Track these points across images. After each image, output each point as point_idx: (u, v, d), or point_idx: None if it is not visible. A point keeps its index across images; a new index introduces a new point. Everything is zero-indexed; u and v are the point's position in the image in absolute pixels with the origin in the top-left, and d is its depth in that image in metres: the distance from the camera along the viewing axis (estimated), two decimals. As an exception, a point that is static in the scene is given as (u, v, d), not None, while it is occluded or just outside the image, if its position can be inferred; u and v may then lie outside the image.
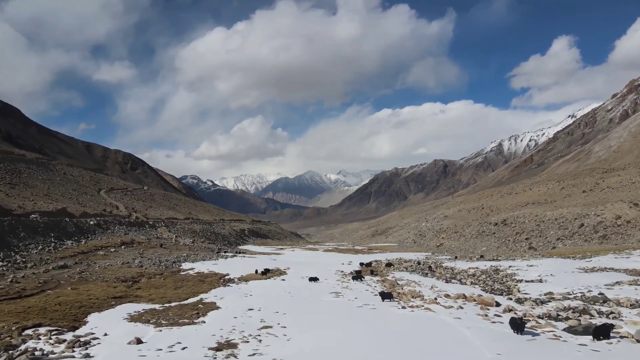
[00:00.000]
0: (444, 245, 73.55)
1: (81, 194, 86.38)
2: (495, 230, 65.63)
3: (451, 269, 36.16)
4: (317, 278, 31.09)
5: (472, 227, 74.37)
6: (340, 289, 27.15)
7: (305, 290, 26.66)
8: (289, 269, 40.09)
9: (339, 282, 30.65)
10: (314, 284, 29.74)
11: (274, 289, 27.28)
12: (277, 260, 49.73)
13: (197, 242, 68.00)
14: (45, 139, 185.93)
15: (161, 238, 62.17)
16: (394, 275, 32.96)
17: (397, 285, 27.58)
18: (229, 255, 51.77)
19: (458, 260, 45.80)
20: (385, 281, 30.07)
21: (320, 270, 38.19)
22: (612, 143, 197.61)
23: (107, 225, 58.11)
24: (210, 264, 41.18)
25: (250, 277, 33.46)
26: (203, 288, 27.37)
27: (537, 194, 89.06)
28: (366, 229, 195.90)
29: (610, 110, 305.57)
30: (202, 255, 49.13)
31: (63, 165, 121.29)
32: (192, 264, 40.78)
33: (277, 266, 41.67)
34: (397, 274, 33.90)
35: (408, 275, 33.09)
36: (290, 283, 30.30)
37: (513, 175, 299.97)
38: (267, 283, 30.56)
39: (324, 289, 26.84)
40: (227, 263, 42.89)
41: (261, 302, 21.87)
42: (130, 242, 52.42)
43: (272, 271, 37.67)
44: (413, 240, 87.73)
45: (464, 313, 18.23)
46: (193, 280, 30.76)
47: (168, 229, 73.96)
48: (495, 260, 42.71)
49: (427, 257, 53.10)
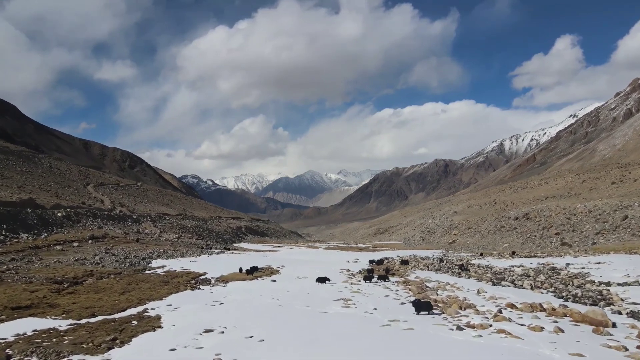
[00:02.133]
0: (457, 242, 65.47)
1: (63, 187, 78.53)
2: (517, 225, 57.64)
3: (488, 267, 28.12)
4: (327, 279, 23.17)
5: (488, 222, 66.32)
6: (349, 293, 19.18)
7: (300, 296, 18.69)
8: (282, 267, 32.07)
9: (346, 284, 22.67)
10: (318, 286, 21.77)
11: (258, 294, 19.30)
12: (271, 258, 41.74)
13: (184, 237, 60.03)
14: (42, 136, 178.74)
15: (142, 233, 54.22)
16: (417, 276, 24.91)
17: (428, 290, 19.57)
18: (215, 252, 43.80)
19: (486, 257, 37.77)
20: (408, 283, 22.05)
21: (321, 270, 30.20)
22: (617, 141, 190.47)
23: (79, 217, 50.12)
24: (187, 261, 33.20)
25: (232, 277, 25.46)
26: (160, 293, 19.38)
27: (554, 187, 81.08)
28: (367, 228, 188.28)
29: (614, 108, 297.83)
30: (184, 251, 41.16)
31: (51, 159, 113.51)
32: (165, 261, 32.80)
33: (269, 264, 33.66)
34: (421, 274, 25.86)
35: (435, 275, 25.06)
36: (281, 285, 22.31)
37: (515, 175, 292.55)
38: (252, 285, 22.56)
39: (327, 294, 18.87)
40: (210, 260, 34.89)
41: (232, 316, 13.89)
42: (101, 236, 44.45)
43: (262, 270, 29.67)
44: (421, 238, 79.61)
45: (576, 342, 10.23)
46: (154, 282, 22.77)
47: (154, 223, 65.99)
48: (532, 257, 34.67)
49: (444, 255, 45.07)
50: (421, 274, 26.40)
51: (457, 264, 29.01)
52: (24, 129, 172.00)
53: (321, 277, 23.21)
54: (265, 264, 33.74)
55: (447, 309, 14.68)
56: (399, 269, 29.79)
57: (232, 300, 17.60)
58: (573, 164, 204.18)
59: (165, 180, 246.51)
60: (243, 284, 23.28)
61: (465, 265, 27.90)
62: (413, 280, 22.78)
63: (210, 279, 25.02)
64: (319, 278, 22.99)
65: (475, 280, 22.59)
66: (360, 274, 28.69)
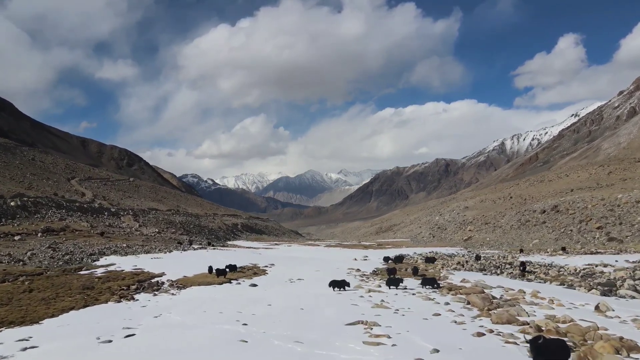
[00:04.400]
0: (474, 238, 57.40)
1: (41, 179, 70.69)
2: (545, 219, 49.62)
3: (554, 267, 20.01)
4: (347, 283, 15.40)
5: (509, 216, 58.25)
6: (370, 309, 11.21)
7: (287, 315, 10.66)
8: (271, 266, 24.01)
9: (362, 291, 14.67)
10: (319, 295, 13.71)
11: (217, 310, 11.26)
12: (262, 255, 33.70)
13: (167, 232, 52.06)
14: (39, 133, 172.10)
15: (115, 226, 46.14)
16: (464, 279, 16.79)
17: (502, 303, 11.44)
18: (194, 248, 35.72)
19: (529, 254, 29.64)
20: (458, 290, 13.94)
21: (324, 270, 22.19)
22: (622, 140, 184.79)
23: (38, 208, 42.09)
24: (149, 258, 25.14)
25: (195, 280, 17.38)
26: (53, 308, 11.40)
27: (576, 180, 73.06)
28: (369, 227, 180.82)
29: (617, 107, 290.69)
30: (155, 246, 33.16)
31: (36, 152, 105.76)
32: (120, 257, 24.77)
33: (256, 262, 25.60)
34: (463, 276, 17.77)
35: (488, 278, 17.04)
36: (262, 294, 14.28)
37: (518, 174, 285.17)
38: (217, 293, 14.53)
39: (334, 312, 10.88)
40: (180, 257, 26.84)
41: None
42: (60, 228, 36.46)
43: (242, 270, 21.63)
44: (431, 235, 71.50)
45: None
46: (68, 288, 14.75)
47: (135, 217, 58.00)
48: (592, 253, 26.59)
49: (471, 252, 37.02)
50: (463, 275, 18.31)
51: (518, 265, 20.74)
52: (20, 126, 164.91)
53: (338, 280, 15.17)
54: (250, 262, 25.71)
55: (592, 353, 6.59)
56: (427, 269, 21.71)
57: (162, 324, 9.56)
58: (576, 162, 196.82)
59: (164, 179, 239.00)
60: (206, 290, 15.24)
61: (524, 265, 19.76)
62: (465, 287, 14.66)
63: (162, 283, 17.01)
64: (335, 282, 14.94)
65: (561, 285, 14.50)
66: (376, 275, 20.65)
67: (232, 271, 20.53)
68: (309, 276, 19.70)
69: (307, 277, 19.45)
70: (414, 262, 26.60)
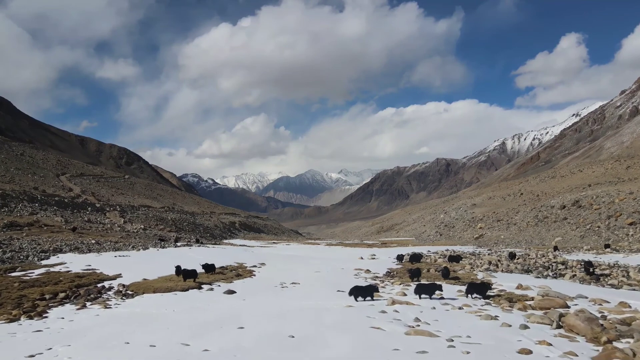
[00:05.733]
0: (486, 236, 52.70)
1: (25, 174, 66.11)
2: (566, 215, 44.99)
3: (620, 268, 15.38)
4: (375, 288, 11.14)
5: (523, 213, 53.60)
6: (404, 337, 6.65)
7: (266, 350, 5.92)
8: (261, 266, 19.40)
9: (382, 302, 9.90)
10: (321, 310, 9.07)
11: (142, 345, 6.55)
12: (255, 253, 29.05)
13: (154, 229, 47.46)
14: (37, 131, 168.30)
15: (95, 222, 41.46)
16: (521, 284, 12.08)
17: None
18: (177, 245, 31.04)
19: (566, 253, 25.01)
20: (519, 302, 9.25)
21: (325, 270, 17.59)
22: (625, 139, 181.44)
23: (7, 201, 37.40)
24: (111, 256, 20.51)
25: (152, 286, 12.70)
26: None
27: (592, 175, 68.45)
28: (370, 226, 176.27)
29: (620, 106, 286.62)
30: (132, 243, 28.54)
31: (26, 147, 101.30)
32: (77, 256, 20.18)
33: (243, 261, 20.95)
34: (521, 281, 13.05)
35: (555, 285, 12.26)
36: (237, 308, 9.62)
37: (519, 173, 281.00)
38: (172, 306, 9.88)
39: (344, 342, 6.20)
40: (152, 255, 22.21)
41: None
42: (27, 223, 31.88)
43: (224, 271, 17.00)
44: (438, 233, 66.78)
45: None
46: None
47: (123, 214, 53.39)
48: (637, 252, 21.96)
49: (491, 250, 32.36)
50: (510, 279, 13.66)
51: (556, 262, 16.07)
52: (18, 124, 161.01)
53: (361, 286, 10.62)
54: (237, 260, 21.08)
55: None
56: (454, 271, 17.07)
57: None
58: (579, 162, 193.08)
59: (163, 178, 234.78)
60: (159, 301, 10.61)
61: (587, 267, 15.07)
62: (530, 296, 9.98)
63: (110, 288, 12.40)
64: (359, 289, 10.52)
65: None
66: (391, 277, 16.01)
67: (209, 272, 15.92)
68: (307, 279, 15.13)
69: (304, 280, 14.87)
70: (433, 262, 21.98)
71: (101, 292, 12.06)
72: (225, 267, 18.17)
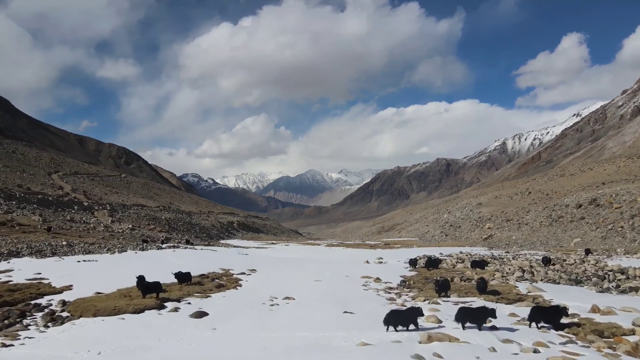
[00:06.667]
0: (495, 236, 49.54)
1: (13, 172, 63.08)
2: (584, 215, 41.79)
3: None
4: (419, 311, 7.85)
5: (535, 212, 50.41)
6: None
7: None
8: (251, 272, 16.22)
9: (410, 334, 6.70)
10: (331, 352, 5.94)
11: None
12: (249, 256, 25.88)
13: (144, 229, 44.26)
14: (36, 131, 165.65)
15: (77, 221, 38.22)
16: (596, 306, 8.89)
17: None
18: (161, 247, 27.80)
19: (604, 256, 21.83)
20: (626, 342, 6.07)
21: (326, 278, 14.39)
22: (627, 139, 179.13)
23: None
24: (75, 260, 17.33)
25: (98, 306, 9.49)
26: None
27: (603, 173, 65.27)
28: (371, 226, 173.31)
29: (621, 106, 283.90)
30: (111, 244, 25.33)
31: (19, 145, 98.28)
32: (34, 260, 17.05)
33: (230, 267, 17.75)
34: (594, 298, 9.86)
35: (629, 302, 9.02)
36: (200, 344, 6.39)
37: (520, 173, 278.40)
38: (108, 341, 6.66)
39: None
40: (124, 260, 19.01)
41: None
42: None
43: (202, 281, 13.79)
44: (443, 233, 63.56)
45: None
46: None
47: (112, 213, 50.25)
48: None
49: (508, 253, 29.18)
50: (566, 295, 10.47)
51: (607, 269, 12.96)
52: (17, 123, 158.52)
53: (399, 311, 7.74)
54: (224, 266, 17.88)
55: None
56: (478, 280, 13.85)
57: None
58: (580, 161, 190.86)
59: (163, 177, 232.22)
60: (97, 329, 7.44)
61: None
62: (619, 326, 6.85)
63: (46, 307, 9.26)
64: (396, 315, 7.92)
65: None
66: (408, 288, 12.82)
67: (184, 283, 12.75)
68: (305, 291, 12.00)
69: (300, 293, 11.74)
70: (451, 268, 18.79)
71: (25, 314, 8.89)
72: (206, 275, 14.98)
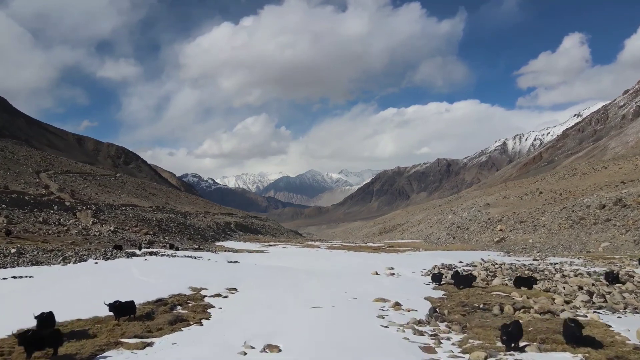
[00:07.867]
0: (508, 239, 45.50)
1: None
2: (609, 216, 37.83)
3: None
4: None
5: (551, 213, 46.42)
6: None
7: None
8: (229, 294, 12.14)
9: None
10: None
11: None
12: (238, 264, 21.85)
13: (127, 232, 40.28)
14: (34, 130, 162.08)
15: (48, 223, 34.20)
16: None
17: None
18: (138, 254, 23.74)
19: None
20: None
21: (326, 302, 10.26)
22: (630, 139, 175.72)
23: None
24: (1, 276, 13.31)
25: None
26: None
27: (620, 172, 61.19)
28: (371, 227, 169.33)
29: (623, 106, 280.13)
30: (73, 252, 21.31)
31: (9, 143, 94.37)
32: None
33: (204, 285, 13.68)
34: None
35: None
36: None
37: (521, 173, 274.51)
38: None
39: None
40: (73, 274, 14.95)
41: None
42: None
43: (156, 310, 9.76)
44: (450, 235, 59.48)
45: None
46: None
47: (96, 214, 46.22)
48: None
49: (537, 259, 25.13)
50: None
51: None
52: (15, 122, 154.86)
53: None
54: (197, 284, 13.82)
55: None
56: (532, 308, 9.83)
57: None
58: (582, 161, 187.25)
59: (162, 177, 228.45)
60: None
61: None
62: None
63: None
64: None
65: None
66: (443, 321, 8.83)
67: (123, 317, 8.69)
68: (297, 328, 8.07)
69: (291, 333, 7.80)
70: (486, 286, 14.71)
71: None
72: (165, 300, 10.94)
